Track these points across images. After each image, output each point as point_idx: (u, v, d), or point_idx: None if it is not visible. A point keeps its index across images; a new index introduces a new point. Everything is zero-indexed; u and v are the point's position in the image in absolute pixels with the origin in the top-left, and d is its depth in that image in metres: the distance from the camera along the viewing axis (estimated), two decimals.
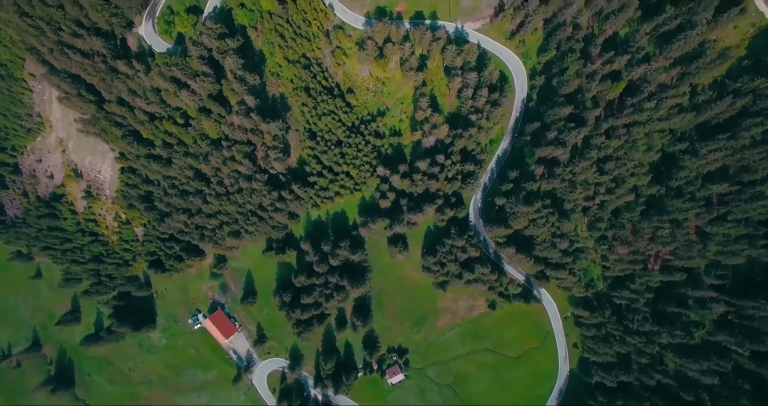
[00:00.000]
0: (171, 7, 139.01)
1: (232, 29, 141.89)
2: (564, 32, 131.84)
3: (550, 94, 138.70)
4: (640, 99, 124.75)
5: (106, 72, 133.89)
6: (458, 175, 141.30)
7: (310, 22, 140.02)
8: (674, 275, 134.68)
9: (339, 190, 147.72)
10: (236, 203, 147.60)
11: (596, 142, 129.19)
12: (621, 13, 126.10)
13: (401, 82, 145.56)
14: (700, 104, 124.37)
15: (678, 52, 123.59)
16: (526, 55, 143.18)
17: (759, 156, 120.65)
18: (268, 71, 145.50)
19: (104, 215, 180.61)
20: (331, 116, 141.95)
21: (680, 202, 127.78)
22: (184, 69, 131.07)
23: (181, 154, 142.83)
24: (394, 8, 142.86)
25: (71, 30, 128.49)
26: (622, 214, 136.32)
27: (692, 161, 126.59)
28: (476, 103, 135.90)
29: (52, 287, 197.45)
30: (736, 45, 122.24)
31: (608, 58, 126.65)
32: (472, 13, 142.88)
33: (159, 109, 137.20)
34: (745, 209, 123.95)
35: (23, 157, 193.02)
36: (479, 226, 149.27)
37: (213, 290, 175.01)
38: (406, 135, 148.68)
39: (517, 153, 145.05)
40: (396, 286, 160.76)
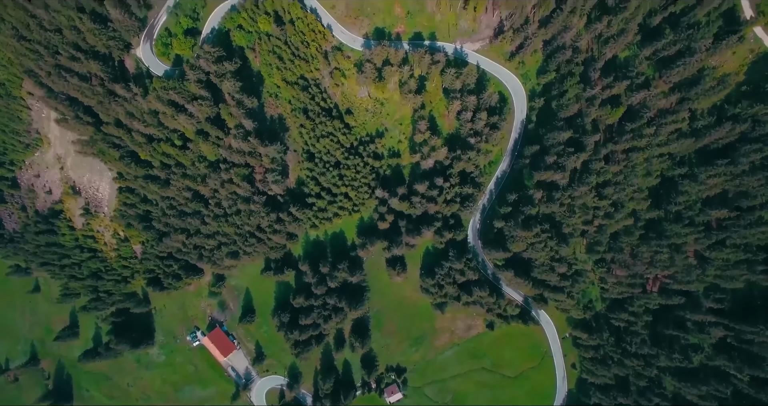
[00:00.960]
0: (169, 29, 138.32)
1: (230, 50, 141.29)
2: (563, 55, 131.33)
3: (549, 117, 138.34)
4: (640, 125, 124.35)
5: (103, 95, 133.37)
6: (457, 198, 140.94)
7: (308, 43, 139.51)
8: (672, 298, 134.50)
9: (337, 211, 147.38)
10: (234, 224, 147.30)
11: (595, 167, 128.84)
12: (620, 38, 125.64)
13: (400, 103, 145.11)
14: (699, 129, 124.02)
15: (677, 77, 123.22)
16: (526, 77, 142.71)
17: (758, 182, 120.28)
18: (266, 92, 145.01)
19: (102, 231, 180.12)
20: (329, 138, 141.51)
21: (679, 227, 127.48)
22: (181, 92, 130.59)
23: (179, 176, 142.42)
24: (392, 29, 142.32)
25: (69, 53, 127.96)
26: (621, 237, 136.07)
27: (691, 186, 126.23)
28: (475, 125, 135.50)
29: (50, 302, 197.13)
30: (735, 72, 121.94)
31: (608, 83, 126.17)
32: (471, 34, 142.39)
33: (156, 131, 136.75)
34: (744, 235, 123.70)
35: (21, 172, 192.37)
36: (478, 247, 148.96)
37: (211, 308, 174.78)
38: (405, 156, 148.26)
39: (516, 175, 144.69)
40: (394, 305, 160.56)
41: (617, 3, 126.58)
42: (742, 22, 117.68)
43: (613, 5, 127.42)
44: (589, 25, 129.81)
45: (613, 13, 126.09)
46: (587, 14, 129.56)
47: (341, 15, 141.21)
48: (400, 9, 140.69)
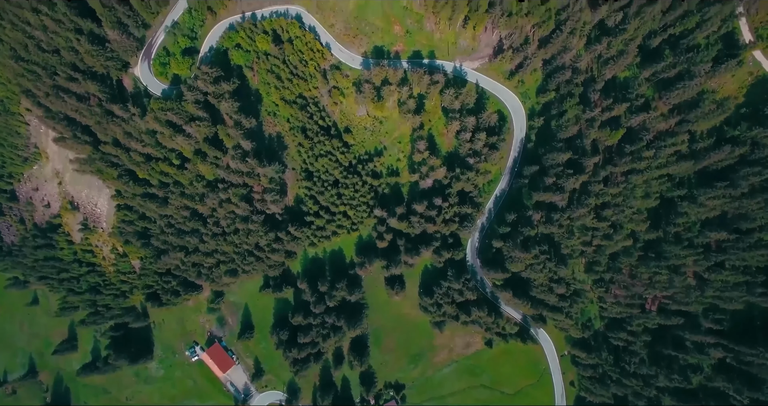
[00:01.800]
0: (167, 48, 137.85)
1: (228, 69, 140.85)
2: (563, 75, 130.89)
3: (548, 136, 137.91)
4: (639, 147, 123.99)
5: (101, 115, 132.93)
6: (455, 218, 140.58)
7: (306, 62, 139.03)
8: (671, 319, 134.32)
9: (336, 229, 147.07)
10: (233, 242, 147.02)
11: (594, 189, 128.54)
12: (620, 59, 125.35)
13: (399, 121, 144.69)
14: (698, 151, 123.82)
15: (677, 99, 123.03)
16: (525, 95, 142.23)
17: (757, 205, 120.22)
18: (265, 110, 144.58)
19: (101, 246, 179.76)
20: (328, 157, 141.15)
21: (678, 248, 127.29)
22: (179, 113, 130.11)
23: (178, 195, 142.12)
24: (391, 48, 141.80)
25: (66, 74, 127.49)
26: (620, 258, 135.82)
27: (691, 208, 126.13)
28: (474, 145, 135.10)
29: (49, 314, 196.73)
30: (734, 95, 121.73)
31: (607, 105, 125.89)
32: (470, 53, 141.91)
33: (154, 150, 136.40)
34: (743, 257, 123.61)
35: (20, 185, 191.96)
36: (476, 266, 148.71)
37: (210, 323, 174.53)
38: (404, 174, 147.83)
39: (514, 194, 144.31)
40: (393, 322, 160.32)
41: (617, 24, 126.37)
42: (741, 46, 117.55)
43: (613, 26, 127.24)
44: (589, 45, 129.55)
45: (613, 35, 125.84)
46: (587, 35, 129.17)
47: (340, 33, 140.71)
48: (398, 27, 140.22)
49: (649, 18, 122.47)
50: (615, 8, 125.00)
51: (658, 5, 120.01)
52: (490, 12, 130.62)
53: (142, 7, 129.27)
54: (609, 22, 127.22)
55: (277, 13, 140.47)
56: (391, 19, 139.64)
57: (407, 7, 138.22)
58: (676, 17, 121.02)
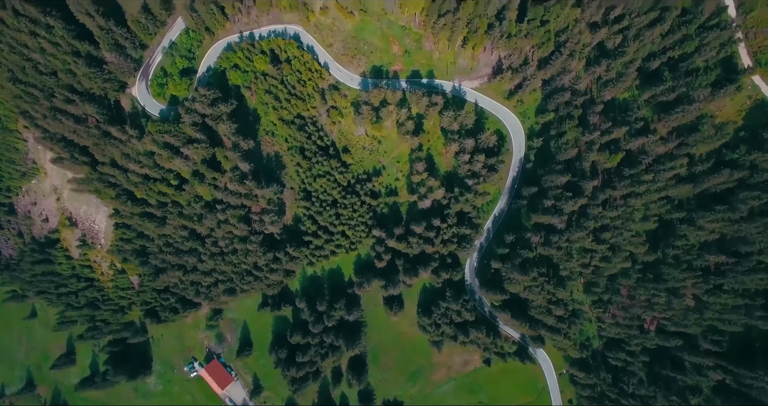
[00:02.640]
0: (164, 69, 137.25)
1: (226, 88, 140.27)
2: (562, 97, 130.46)
3: (547, 157, 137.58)
4: (638, 171, 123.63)
5: (99, 136, 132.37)
6: (454, 239, 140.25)
7: (304, 82, 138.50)
8: (670, 340, 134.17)
9: (334, 249, 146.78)
10: (231, 262, 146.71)
11: (593, 213, 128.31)
12: (620, 82, 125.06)
13: (397, 141, 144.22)
14: (697, 174, 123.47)
15: (676, 122, 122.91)
16: (524, 115, 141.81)
17: (756, 230, 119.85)
18: (263, 130, 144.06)
19: (99, 262, 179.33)
20: (326, 178, 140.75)
21: (677, 271, 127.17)
22: (177, 135, 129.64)
23: (176, 215, 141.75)
24: (390, 67, 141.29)
25: (64, 96, 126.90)
26: (619, 279, 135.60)
27: (690, 231, 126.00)
28: (473, 167, 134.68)
29: (47, 328, 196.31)
30: (733, 119, 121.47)
31: (607, 128, 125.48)
32: (469, 72, 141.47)
33: (152, 171, 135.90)
34: (742, 281, 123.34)
35: (18, 198, 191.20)
36: (475, 285, 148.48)
37: (209, 340, 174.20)
38: (403, 193, 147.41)
39: (513, 214, 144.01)
40: (392, 340, 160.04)
41: (616, 47, 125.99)
42: (740, 71, 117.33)
43: (613, 49, 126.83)
44: (588, 67, 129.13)
45: (612, 57, 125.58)
46: (586, 57, 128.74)
47: (338, 53, 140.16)
48: (397, 47, 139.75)
49: (649, 41, 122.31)
50: (614, 31, 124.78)
51: (657, 29, 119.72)
52: (490, 33, 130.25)
53: (139, 28, 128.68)
54: (608, 44, 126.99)
55: (275, 32, 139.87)
56: (390, 38, 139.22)
57: (406, 26, 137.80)
58: (675, 41, 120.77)
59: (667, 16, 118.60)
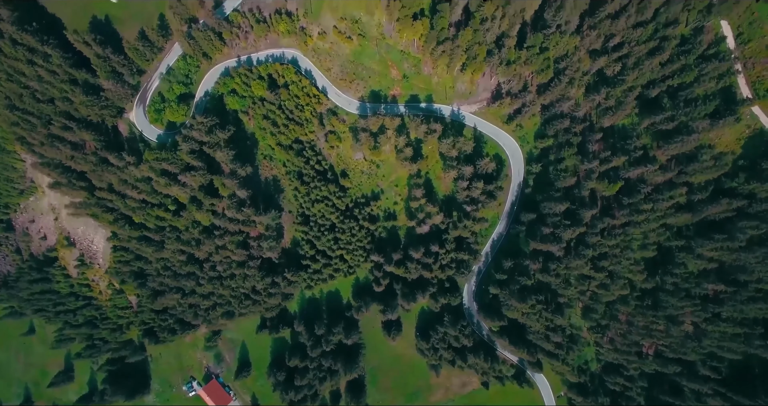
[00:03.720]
0: (162, 94, 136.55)
1: (224, 113, 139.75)
2: (561, 123, 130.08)
3: (546, 183, 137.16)
4: (637, 200, 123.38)
5: (96, 163, 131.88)
6: (452, 264, 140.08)
7: (302, 107, 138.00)
8: (668, 366, 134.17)
9: (332, 273, 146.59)
10: (229, 286, 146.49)
11: (592, 241, 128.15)
12: (619, 109, 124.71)
13: (396, 165, 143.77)
14: (696, 203, 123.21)
15: (675, 151, 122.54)
16: (524, 139, 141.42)
17: (755, 259, 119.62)
18: (261, 154, 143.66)
19: (97, 281, 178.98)
20: (324, 203, 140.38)
21: (675, 299, 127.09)
22: (174, 162, 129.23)
23: (174, 240, 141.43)
24: (388, 92, 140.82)
25: (61, 123, 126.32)
26: (617, 306, 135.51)
27: (688, 259, 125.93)
28: (471, 193, 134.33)
29: (45, 344, 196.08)
30: (731, 148, 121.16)
31: (606, 157, 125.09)
32: (468, 97, 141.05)
33: (150, 197, 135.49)
34: (741, 309, 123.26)
35: (16, 215, 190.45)
36: (473, 309, 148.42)
37: (207, 359, 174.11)
38: (401, 217, 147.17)
39: (512, 239, 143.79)
40: (390, 362, 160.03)
41: (615, 74, 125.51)
42: (739, 102, 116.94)
43: (612, 76, 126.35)
44: (588, 94, 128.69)
45: (612, 85, 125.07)
46: (585, 85, 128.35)
47: (336, 78, 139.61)
48: (396, 72, 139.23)
49: (648, 70, 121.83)
50: (613, 58, 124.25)
51: (656, 58, 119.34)
52: (488, 60, 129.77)
53: (136, 55, 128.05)
54: (608, 71, 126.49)
55: (273, 56, 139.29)
56: (388, 63, 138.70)
57: (404, 51, 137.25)
58: (674, 70, 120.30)
59: (666, 45, 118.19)
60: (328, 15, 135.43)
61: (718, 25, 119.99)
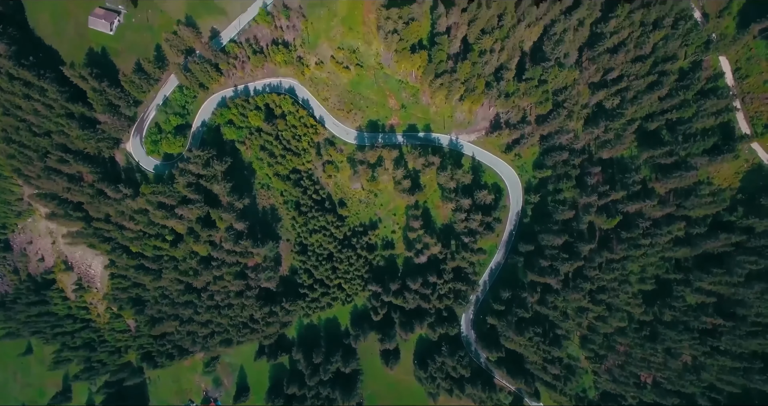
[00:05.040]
0: (158, 124, 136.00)
1: (221, 143, 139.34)
2: (560, 155, 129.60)
3: (545, 212, 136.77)
4: (635, 235, 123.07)
5: (93, 195, 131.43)
6: (450, 294, 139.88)
7: (300, 137, 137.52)
8: (666, 399, 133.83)
9: (330, 301, 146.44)
10: (227, 315, 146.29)
11: (590, 274, 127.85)
12: (617, 143, 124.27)
13: (394, 194, 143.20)
14: (695, 237, 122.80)
15: (674, 184, 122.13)
16: (522, 168, 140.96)
17: (754, 295, 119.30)
18: (258, 183, 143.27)
19: (96, 304, 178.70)
20: (322, 233, 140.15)
21: (674, 333, 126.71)
22: (171, 195, 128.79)
23: (171, 269, 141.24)
24: (386, 121, 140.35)
25: (57, 156, 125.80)
26: (615, 337, 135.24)
27: (687, 292, 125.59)
28: (469, 224, 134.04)
29: (42, 364, 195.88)
30: (730, 186, 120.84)
31: (604, 191, 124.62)
32: (467, 126, 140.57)
33: (147, 228, 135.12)
34: (740, 344, 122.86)
35: (14, 235, 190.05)
36: (471, 337, 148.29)
37: (206, 383, 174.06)
38: (399, 245, 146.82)
39: (510, 268, 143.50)
40: (388, 388, 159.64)
41: (615, 107, 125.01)
42: (737, 138, 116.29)
43: (611, 108, 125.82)
44: (587, 126, 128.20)
45: (610, 118, 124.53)
46: (584, 118, 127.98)
47: (334, 107, 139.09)
48: (394, 101, 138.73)
49: (647, 104, 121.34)
50: (612, 92, 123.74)
51: (655, 93, 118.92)
52: (487, 93, 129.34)
53: (133, 87, 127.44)
54: (607, 104, 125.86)
55: (270, 86, 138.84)
56: (386, 92, 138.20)
57: (402, 80, 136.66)
58: (673, 105, 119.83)
59: (665, 80, 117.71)
60: (325, 45, 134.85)
61: (716, 60, 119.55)
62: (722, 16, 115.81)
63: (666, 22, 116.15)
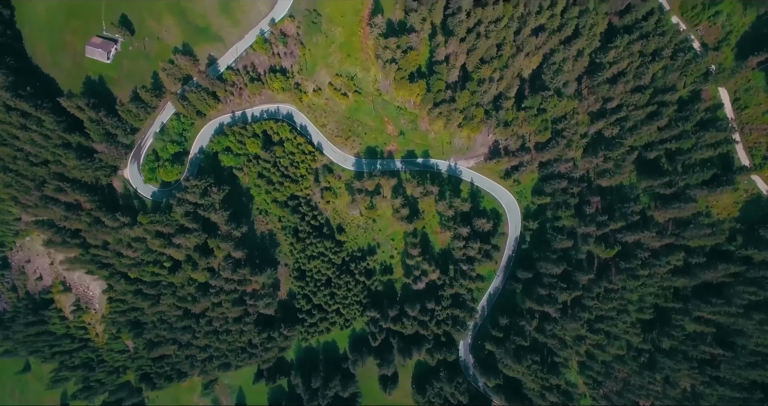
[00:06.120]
0: (156, 152, 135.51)
1: (219, 169, 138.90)
2: (559, 184, 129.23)
3: (544, 239, 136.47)
4: (634, 266, 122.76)
5: (91, 223, 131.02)
6: (448, 320, 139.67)
7: (298, 163, 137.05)
8: None
9: (328, 326, 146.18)
10: (226, 341, 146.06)
11: (588, 304, 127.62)
12: (616, 172, 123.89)
13: (392, 219, 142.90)
14: (694, 267, 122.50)
15: (673, 214, 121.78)
16: (521, 194, 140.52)
17: (753, 326, 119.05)
18: (256, 209, 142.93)
19: (94, 324, 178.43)
20: (320, 259, 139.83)
21: (673, 362, 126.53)
22: (169, 224, 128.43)
23: (169, 295, 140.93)
24: (385, 148, 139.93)
25: (55, 185, 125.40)
26: (613, 364, 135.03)
27: (686, 321, 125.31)
28: (468, 252, 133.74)
29: (40, 381, 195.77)
30: (729, 216, 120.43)
31: (603, 221, 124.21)
32: (465, 152, 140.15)
33: (145, 256, 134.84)
34: (739, 374, 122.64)
35: (12, 253, 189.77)
36: (469, 362, 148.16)
37: (205, 404, 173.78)
38: (398, 270, 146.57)
39: (508, 293, 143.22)
40: None
41: (614, 136, 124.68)
42: (736, 170, 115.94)
43: (610, 137, 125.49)
44: (586, 155, 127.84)
45: (610, 148, 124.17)
46: (583, 147, 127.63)
47: (332, 134, 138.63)
48: (392, 127, 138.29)
49: (646, 134, 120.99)
50: (611, 121, 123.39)
51: (654, 123, 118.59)
52: (486, 122, 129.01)
53: (130, 116, 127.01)
54: (606, 132, 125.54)
55: (268, 111, 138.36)
56: (385, 119, 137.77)
57: (401, 107, 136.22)
58: (672, 135, 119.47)
59: (664, 111, 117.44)
60: (323, 71, 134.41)
61: (715, 90, 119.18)
62: (720, 47, 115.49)
63: (665, 53, 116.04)
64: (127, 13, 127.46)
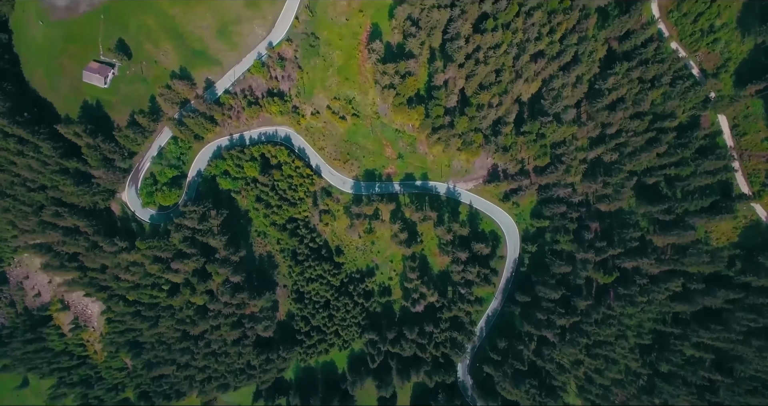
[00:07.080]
0: (154, 175, 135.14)
1: (217, 192, 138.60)
2: (558, 208, 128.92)
3: (542, 262, 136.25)
4: (633, 292, 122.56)
5: (88, 247, 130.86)
6: (447, 342, 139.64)
7: (296, 187, 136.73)
8: None
9: (327, 347, 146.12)
10: (224, 362, 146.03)
11: (586, 329, 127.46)
12: (615, 198, 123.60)
13: (390, 241, 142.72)
14: (693, 292, 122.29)
15: (672, 240, 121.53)
16: (520, 217, 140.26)
17: (753, 352, 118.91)
18: (254, 231, 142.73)
19: (92, 342, 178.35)
20: (318, 282, 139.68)
21: (672, 388, 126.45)
22: (167, 249, 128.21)
23: (168, 317, 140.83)
24: (383, 170, 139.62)
25: (52, 210, 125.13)
26: (611, 388, 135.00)
27: (685, 346, 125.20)
28: (466, 276, 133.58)
29: (39, 396, 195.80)
30: (727, 242, 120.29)
31: (601, 247, 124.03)
32: (464, 175, 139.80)
33: (143, 280, 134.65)
34: (738, 401, 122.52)
35: (10, 268, 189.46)
36: (467, 383, 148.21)
37: None
38: (396, 291, 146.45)
39: (507, 316, 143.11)
40: None
41: (613, 162, 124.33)
42: (735, 198, 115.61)
43: (609, 162, 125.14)
44: (585, 180, 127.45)
45: (608, 173, 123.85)
46: (582, 172, 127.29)
47: (330, 157, 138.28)
48: (390, 150, 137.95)
49: (645, 160, 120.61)
50: (610, 146, 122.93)
51: (654, 150, 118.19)
52: (485, 147, 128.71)
53: (127, 141, 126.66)
54: (605, 158, 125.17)
55: (266, 134, 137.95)
56: (383, 142, 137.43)
57: (399, 130, 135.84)
58: (671, 162, 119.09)
59: (664, 138, 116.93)
60: (321, 95, 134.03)
61: (714, 117, 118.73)
62: (719, 74, 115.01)
63: (664, 80, 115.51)
64: (124, 38, 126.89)
